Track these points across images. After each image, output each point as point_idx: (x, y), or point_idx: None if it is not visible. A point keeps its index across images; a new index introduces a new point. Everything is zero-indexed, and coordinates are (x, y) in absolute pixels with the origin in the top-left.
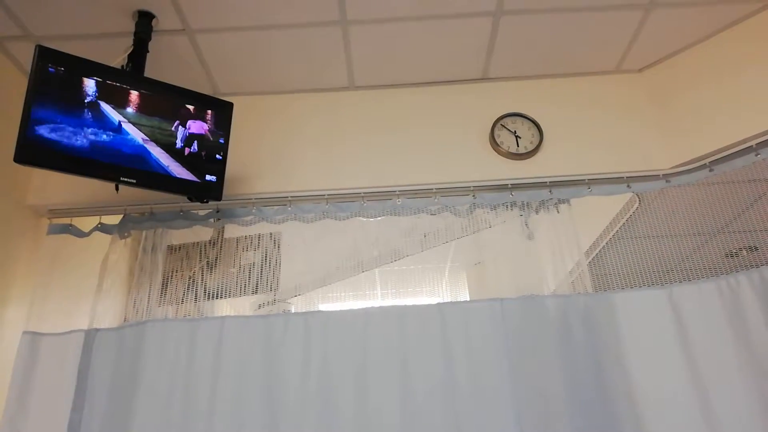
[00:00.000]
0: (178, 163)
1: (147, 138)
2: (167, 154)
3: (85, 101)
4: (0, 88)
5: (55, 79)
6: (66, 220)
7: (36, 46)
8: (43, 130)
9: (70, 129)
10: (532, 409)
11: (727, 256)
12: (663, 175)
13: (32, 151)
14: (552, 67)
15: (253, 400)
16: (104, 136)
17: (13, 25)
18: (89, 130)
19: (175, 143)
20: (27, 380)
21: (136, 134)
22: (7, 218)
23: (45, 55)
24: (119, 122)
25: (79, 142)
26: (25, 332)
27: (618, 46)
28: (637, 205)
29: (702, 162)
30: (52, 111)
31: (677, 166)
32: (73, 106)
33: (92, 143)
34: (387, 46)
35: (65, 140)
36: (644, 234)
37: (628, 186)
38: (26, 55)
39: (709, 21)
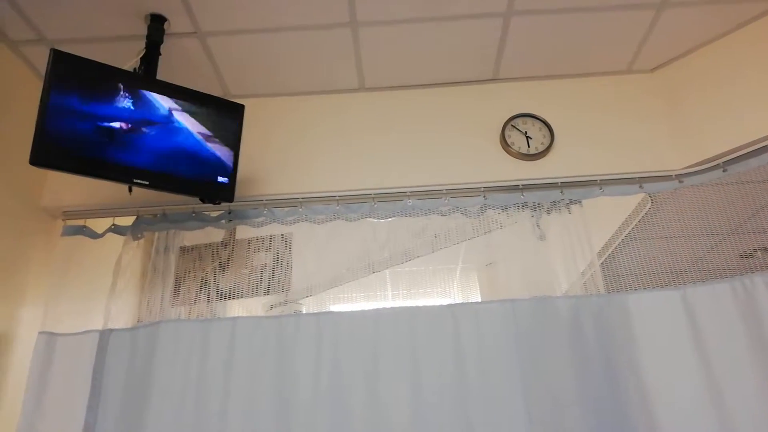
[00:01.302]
0: (189, 165)
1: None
2: (178, 156)
3: (99, 104)
4: (15, 91)
5: (69, 82)
6: (80, 222)
7: (50, 50)
8: (58, 133)
9: (84, 131)
10: (543, 410)
11: (741, 256)
12: (676, 175)
13: (47, 154)
14: (563, 68)
15: (265, 400)
16: (117, 139)
17: (27, 28)
18: (102, 133)
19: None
20: (43, 379)
21: (148, 136)
22: (22, 220)
23: (59, 59)
24: (131, 125)
25: (92, 144)
26: (40, 332)
27: (629, 46)
28: (649, 205)
29: (715, 162)
30: (67, 114)
31: (690, 167)
32: (87, 108)
33: (105, 146)
34: (397, 47)
35: (79, 143)
36: (657, 235)
37: (640, 186)
38: (41, 59)
39: (722, 20)
